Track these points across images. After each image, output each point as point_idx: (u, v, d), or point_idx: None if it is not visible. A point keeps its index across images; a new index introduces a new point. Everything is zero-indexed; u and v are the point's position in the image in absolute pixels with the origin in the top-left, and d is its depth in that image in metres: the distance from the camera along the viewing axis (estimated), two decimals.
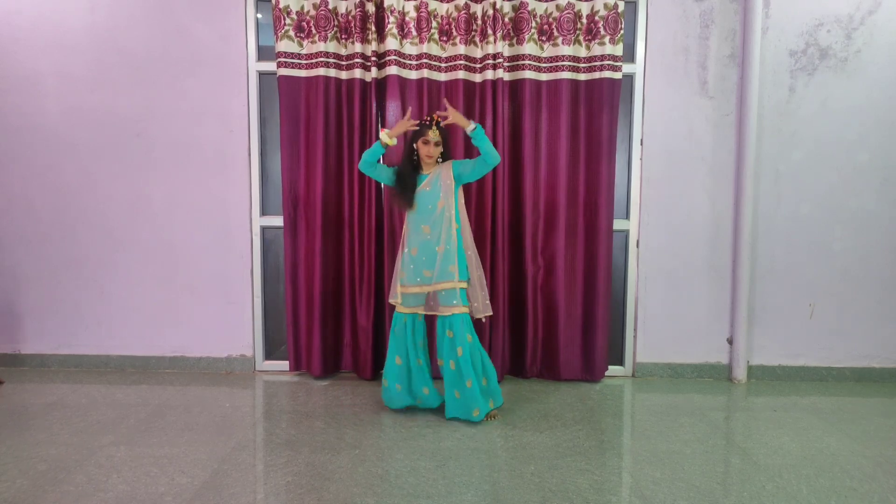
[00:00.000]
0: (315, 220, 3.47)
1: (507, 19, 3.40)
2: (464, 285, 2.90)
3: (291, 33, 3.40)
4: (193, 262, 3.67)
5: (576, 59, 3.42)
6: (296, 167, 3.48)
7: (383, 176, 3.03)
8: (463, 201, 3.00)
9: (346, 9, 3.40)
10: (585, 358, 3.57)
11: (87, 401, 3.20)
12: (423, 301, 2.94)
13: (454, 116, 2.89)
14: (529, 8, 3.38)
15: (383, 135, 2.91)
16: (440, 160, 2.96)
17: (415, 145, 2.92)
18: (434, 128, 2.87)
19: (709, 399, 3.34)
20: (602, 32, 3.37)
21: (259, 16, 3.59)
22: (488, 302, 3.00)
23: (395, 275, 3.01)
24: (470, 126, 2.82)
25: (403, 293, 2.94)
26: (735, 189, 3.56)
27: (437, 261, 2.86)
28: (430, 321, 3.19)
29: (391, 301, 3.02)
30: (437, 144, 2.88)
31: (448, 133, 3.01)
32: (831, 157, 3.54)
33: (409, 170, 2.94)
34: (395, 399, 3.03)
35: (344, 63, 3.45)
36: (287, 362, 3.68)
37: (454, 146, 3.29)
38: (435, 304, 2.92)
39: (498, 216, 3.44)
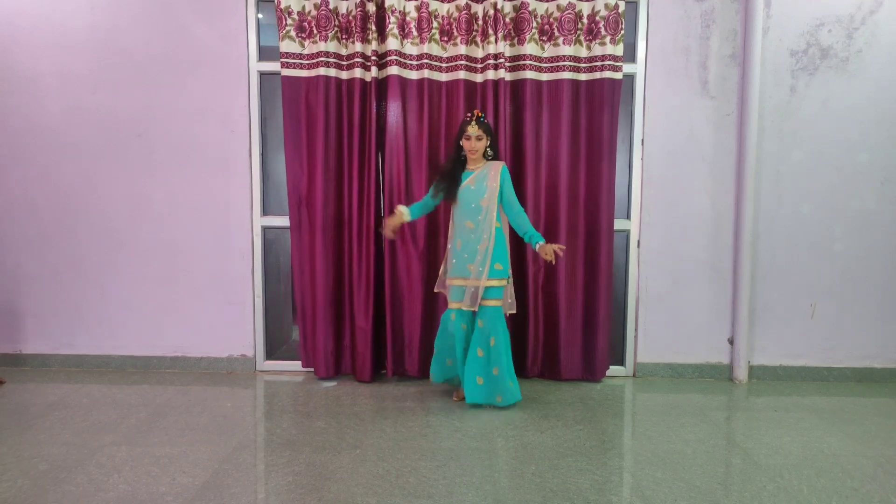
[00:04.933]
0: (316, 220, 3.47)
1: (507, 19, 3.40)
2: (505, 283, 3.04)
3: (293, 33, 3.40)
4: (194, 262, 3.67)
5: (576, 59, 3.42)
6: (299, 167, 3.48)
7: (432, 198, 3.13)
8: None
9: (347, 9, 3.39)
10: (586, 358, 3.57)
11: (88, 401, 3.20)
12: (470, 296, 3.00)
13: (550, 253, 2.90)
14: (530, 8, 3.38)
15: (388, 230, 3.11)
16: (489, 156, 3.05)
17: (461, 142, 3.04)
18: (474, 123, 2.97)
19: (710, 399, 3.34)
20: (603, 32, 3.37)
21: (260, 16, 3.59)
22: (513, 300, 3.19)
23: (443, 266, 3.16)
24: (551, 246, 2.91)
25: (452, 286, 3.05)
26: (736, 189, 3.56)
27: (482, 258, 2.96)
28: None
29: (437, 290, 3.25)
30: (478, 138, 2.98)
31: (491, 128, 3.08)
32: (832, 157, 3.54)
33: (456, 165, 3.07)
34: (443, 371, 3.18)
35: (344, 63, 3.45)
36: (288, 362, 3.70)
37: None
38: (475, 300, 2.99)
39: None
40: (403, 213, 3.07)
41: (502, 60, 3.37)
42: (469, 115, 3.01)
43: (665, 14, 3.50)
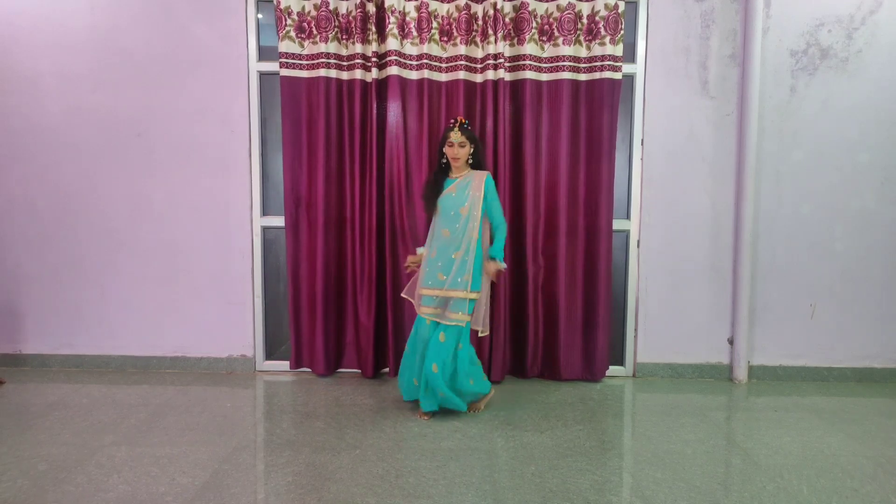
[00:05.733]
0: (317, 220, 3.48)
1: (507, 19, 3.40)
2: (474, 296, 2.91)
3: (293, 34, 3.40)
4: (194, 262, 3.67)
5: (576, 59, 3.42)
6: (298, 167, 3.48)
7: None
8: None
9: (347, 9, 3.40)
10: (586, 358, 3.57)
11: (88, 401, 3.20)
12: (440, 304, 2.92)
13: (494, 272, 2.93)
14: (530, 8, 3.38)
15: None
16: (471, 163, 2.98)
17: (443, 150, 2.96)
18: (457, 130, 2.90)
19: (710, 399, 3.34)
20: (602, 32, 3.37)
21: (260, 16, 3.59)
22: (488, 320, 3.06)
23: (417, 274, 3.05)
24: (501, 266, 2.93)
25: (422, 294, 2.95)
26: (736, 189, 3.55)
27: (453, 267, 2.88)
28: None
29: (403, 295, 3.12)
30: (461, 146, 2.91)
31: (475, 135, 3.01)
32: (832, 157, 3.54)
33: (438, 174, 3.01)
34: (411, 391, 3.03)
35: (345, 63, 3.45)
36: (288, 362, 3.69)
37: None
38: (443, 311, 2.91)
39: None
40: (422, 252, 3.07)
41: (502, 60, 3.37)
42: (452, 121, 2.93)
43: (665, 14, 3.49)
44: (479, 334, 3.10)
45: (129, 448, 2.62)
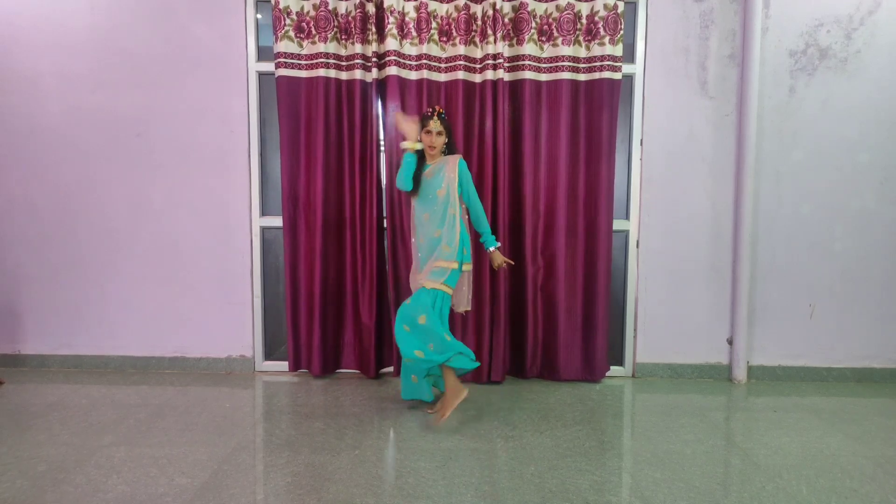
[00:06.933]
0: (315, 220, 3.48)
1: (506, 20, 3.40)
2: (455, 266, 2.90)
3: (291, 34, 3.41)
4: (194, 262, 3.67)
5: (576, 59, 3.42)
6: (296, 167, 3.49)
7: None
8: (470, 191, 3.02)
9: (346, 9, 3.40)
10: (585, 358, 3.57)
11: (88, 401, 3.20)
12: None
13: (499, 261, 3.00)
14: (529, 8, 3.38)
15: (405, 144, 2.97)
16: (445, 152, 3.00)
17: (419, 137, 2.98)
18: (435, 118, 2.93)
19: (709, 399, 3.34)
20: (602, 33, 3.37)
21: (259, 16, 3.59)
22: (469, 297, 3.09)
23: (413, 265, 3.12)
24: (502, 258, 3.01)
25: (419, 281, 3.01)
26: (735, 189, 3.55)
27: (440, 242, 2.92)
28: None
29: (412, 286, 3.13)
30: (438, 134, 2.93)
31: (450, 125, 3.04)
32: (832, 157, 3.54)
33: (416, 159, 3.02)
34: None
35: (344, 64, 3.45)
36: (287, 363, 3.68)
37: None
38: (423, 278, 2.95)
39: (498, 216, 3.44)
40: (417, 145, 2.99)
41: (501, 61, 3.37)
42: (430, 109, 2.96)
43: (664, 14, 3.50)
44: (464, 312, 3.14)
45: (128, 448, 2.62)
